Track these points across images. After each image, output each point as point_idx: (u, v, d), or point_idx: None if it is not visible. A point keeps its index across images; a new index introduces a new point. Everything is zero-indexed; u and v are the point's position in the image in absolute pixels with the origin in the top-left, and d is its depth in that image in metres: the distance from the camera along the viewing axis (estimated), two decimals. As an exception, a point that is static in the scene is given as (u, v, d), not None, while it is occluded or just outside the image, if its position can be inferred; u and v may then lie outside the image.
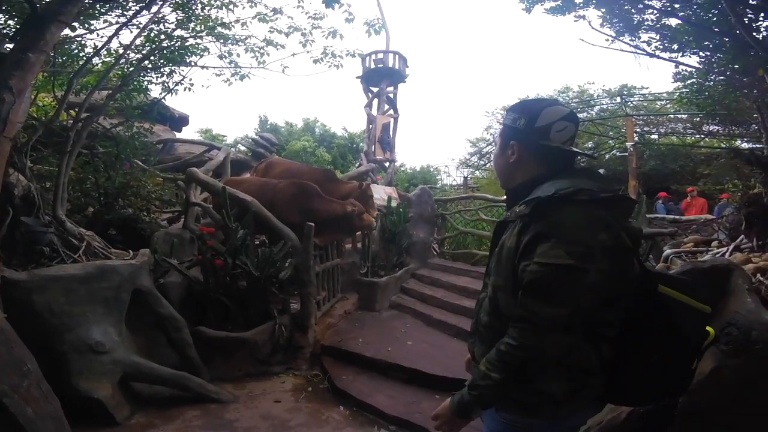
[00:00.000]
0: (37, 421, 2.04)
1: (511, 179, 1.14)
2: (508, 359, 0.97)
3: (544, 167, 1.07)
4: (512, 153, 1.10)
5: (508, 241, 1.03)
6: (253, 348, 3.28)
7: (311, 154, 13.31)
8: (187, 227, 3.82)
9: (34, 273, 2.50)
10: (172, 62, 4.07)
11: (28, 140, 2.93)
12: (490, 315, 1.11)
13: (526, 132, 1.07)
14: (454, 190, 11.21)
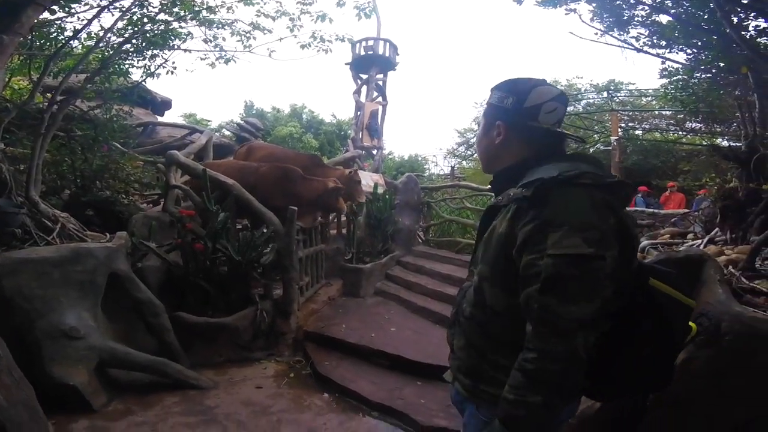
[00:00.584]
0: (10, 409, 1.98)
1: (496, 161, 1.08)
2: (542, 376, 0.85)
3: (533, 150, 1.01)
4: (498, 134, 1.04)
5: (500, 227, 0.96)
6: (234, 333, 3.25)
7: (298, 140, 13.13)
8: (167, 210, 3.74)
9: (5, 256, 2.42)
10: (155, 46, 3.94)
11: (0, 122, 2.83)
12: (473, 306, 1.05)
13: (514, 112, 1.00)
14: (442, 180, 11.26)
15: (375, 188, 5.14)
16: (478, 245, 1.07)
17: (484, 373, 1.03)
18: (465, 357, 1.09)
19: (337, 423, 2.50)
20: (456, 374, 1.13)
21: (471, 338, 1.06)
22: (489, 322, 1.00)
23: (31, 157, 3.01)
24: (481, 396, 1.04)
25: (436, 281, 4.60)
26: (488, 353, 1.02)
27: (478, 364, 1.05)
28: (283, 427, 2.41)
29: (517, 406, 0.87)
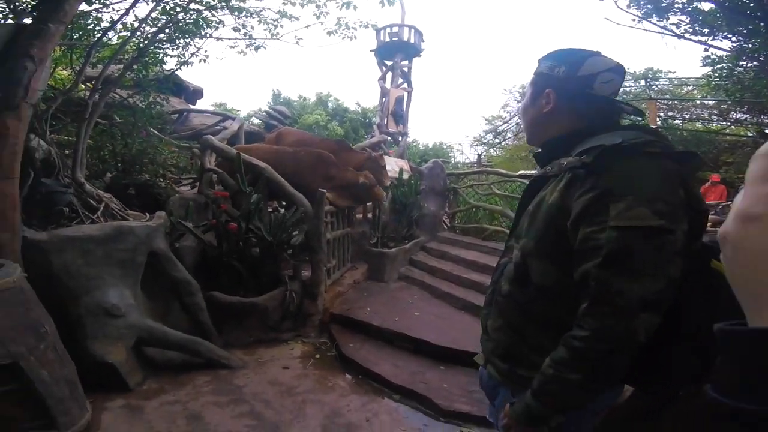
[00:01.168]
0: (52, 385, 2.04)
1: (543, 132, 1.02)
2: (588, 354, 0.79)
3: (585, 121, 0.94)
4: (546, 102, 0.97)
5: (550, 197, 0.89)
6: (264, 314, 3.34)
7: (324, 127, 13.26)
8: (202, 192, 3.87)
9: (54, 233, 2.48)
10: (187, 34, 4.06)
11: (47, 108, 3.00)
12: (512, 283, 0.98)
13: (566, 80, 0.94)
14: (467, 168, 11.10)
15: (400, 174, 5.13)
16: (521, 217, 1.01)
17: (523, 356, 0.98)
18: (501, 338, 1.03)
19: (359, 404, 2.54)
20: (489, 357, 1.08)
21: (509, 318, 1.00)
22: (531, 300, 0.94)
23: (77, 142, 3.19)
24: (518, 381, 0.98)
25: (460, 267, 4.58)
26: (529, 334, 0.96)
27: (517, 346, 0.99)
28: (307, 408, 2.47)
29: (552, 381, 0.84)
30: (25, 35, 2.33)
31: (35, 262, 2.35)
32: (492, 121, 17.90)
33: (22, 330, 1.95)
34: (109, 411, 2.35)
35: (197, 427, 2.24)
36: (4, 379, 1.92)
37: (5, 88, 2.25)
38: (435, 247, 5.22)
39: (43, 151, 2.81)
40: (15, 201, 2.31)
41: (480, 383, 1.23)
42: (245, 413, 2.38)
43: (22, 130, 2.34)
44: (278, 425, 2.29)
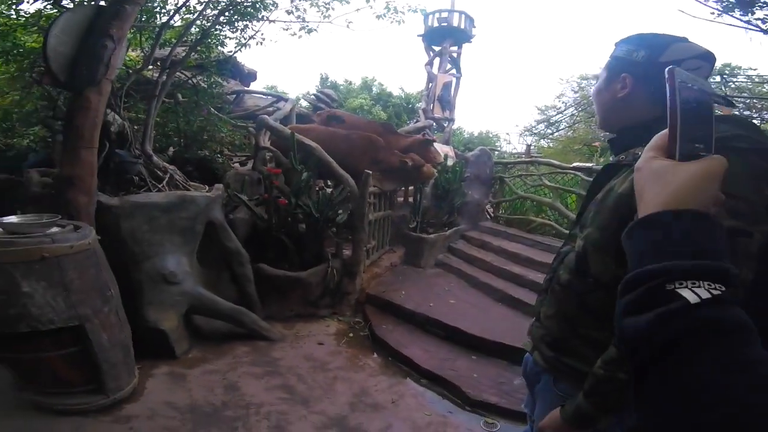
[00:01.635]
0: (110, 350, 2.08)
1: (617, 117, 0.98)
2: None
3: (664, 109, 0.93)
4: (622, 87, 0.93)
5: (620, 187, 0.86)
6: (306, 289, 3.44)
7: (368, 111, 13.34)
8: (256, 168, 4.05)
9: (124, 199, 2.60)
10: (245, 16, 4.21)
11: (122, 86, 3.27)
12: (573, 273, 0.97)
13: (646, 65, 0.89)
14: (515, 158, 10.71)
15: (444, 160, 5.06)
16: (588, 206, 0.99)
17: (571, 346, 0.98)
18: (552, 327, 1.04)
19: (386, 385, 2.58)
20: (537, 343, 1.09)
21: (564, 308, 1.00)
22: (589, 292, 0.93)
23: (146, 117, 3.43)
24: (562, 369, 1.00)
25: (501, 258, 4.49)
26: (580, 326, 0.96)
27: (567, 336, 0.99)
28: (337, 384, 2.53)
29: (604, 381, 0.84)
30: (104, 16, 2.44)
31: (106, 226, 2.45)
32: (545, 110, 17.09)
33: (91, 292, 2.00)
34: (154, 378, 2.43)
35: (233, 397, 2.32)
36: (68, 341, 1.97)
37: (88, 66, 2.39)
38: (476, 237, 5.14)
39: (117, 125, 3.02)
40: (93, 168, 2.48)
41: (523, 371, 1.25)
42: (279, 386, 2.47)
43: (102, 104, 2.51)
44: (308, 400, 2.36)
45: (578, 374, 0.97)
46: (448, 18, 8.52)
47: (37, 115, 4.46)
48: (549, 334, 1.06)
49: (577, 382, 0.97)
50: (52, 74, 2.35)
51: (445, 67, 8.79)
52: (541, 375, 1.09)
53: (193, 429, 2.03)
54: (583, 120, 14.71)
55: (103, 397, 2.09)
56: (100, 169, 2.69)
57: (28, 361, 1.99)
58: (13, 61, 3.63)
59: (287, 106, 5.62)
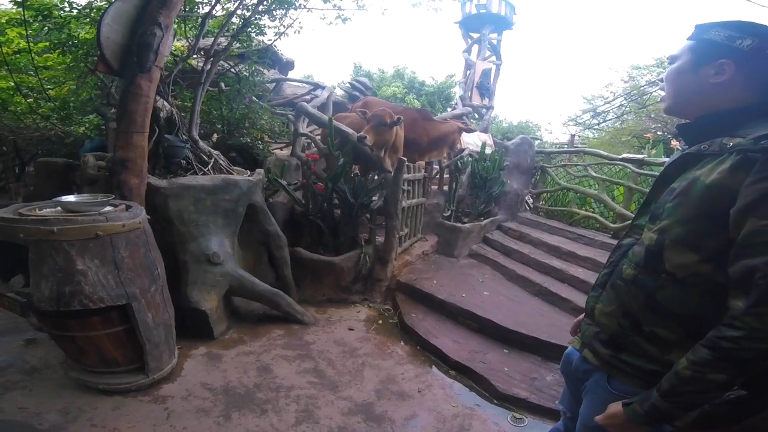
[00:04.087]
0: (153, 329, 2.11)
1: (701, 103, 0.93)
2: (739, 355, 0.76)
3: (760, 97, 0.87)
4: (717, 73, 0.89)
5: (707, 177, 0.83)
6: (339, 274, 3.49)
7: (401, 100, 13.20)
8: (295, 154, 4.12)
9: (172, 181, 2.70)
10: (284, 5, 4.24)
11: (170, 73, 3.40)
12: (640, 268, 0.94)
13: (753, 55, 0.85)
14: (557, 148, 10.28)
15: (482, 148, 4.91)
16: (657, 195, 0.97)
17: (633, 343, 0.96)
18: (610, 324, 1.01)
19: (413, 374, 2.56)
20: (590, 341, 1.06)
21: (627, 304, 0.96)
22: (660, 288, 0.89)
23: (192, 104, 3.55)
24: (619, 367, 0.98)
25: (540, 251, 4.32)
26: (646, 323, 0.93)
27: (628, 333, 0.97)
28: (365, 371, 2.55)
29: (690, 382, 0.81)
30: (152, 4, 2.50)
31: (155, 206, 2.54)
32: (591, 100, 16.23)
33: (140, 271, 2.03)
34: (192, 358, 2.50)
35: (265, 379, 2.38)
36: (115, 320, 2.01)
37: (139, 53, 2.47)
38: (513, 228, 4.98)
39: (166, 111, 3.14)
40: (144, 151, 2.58)
41: (562, 367, 1.24)
42: (309, 370, 2.52)
43: (152, 90, 2.59)
44: (337, 385, 2.39)
45: (638, 372, 0.94)
46: (486, 4, 8.28)
47: (91, 104, 4.76)
48: (605, 332, 1.02)
49: (636, 380, 0.95)
50: (106, 62, 2.45)
51: (484, 54, 8.52)
52: (592, 373, 1.06)
53: (225, 410, 2.09)
54: (634, 110, 13.79)
55: (144, 377, 2.15)
56: (150, 152, 2.81)
57: (78, 339, 2.03)
58: (69, 53, 3.85)
59: (324, 93, 5.65)
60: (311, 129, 4.58)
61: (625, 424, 0.91)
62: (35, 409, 1.98)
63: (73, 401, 2.05)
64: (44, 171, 4.37)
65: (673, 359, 0.88)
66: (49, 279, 1.83)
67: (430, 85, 14.78)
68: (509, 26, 8.58)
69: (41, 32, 4.18)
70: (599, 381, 1.03)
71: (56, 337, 2.10)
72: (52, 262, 1.82)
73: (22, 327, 2.61)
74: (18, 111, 5.05)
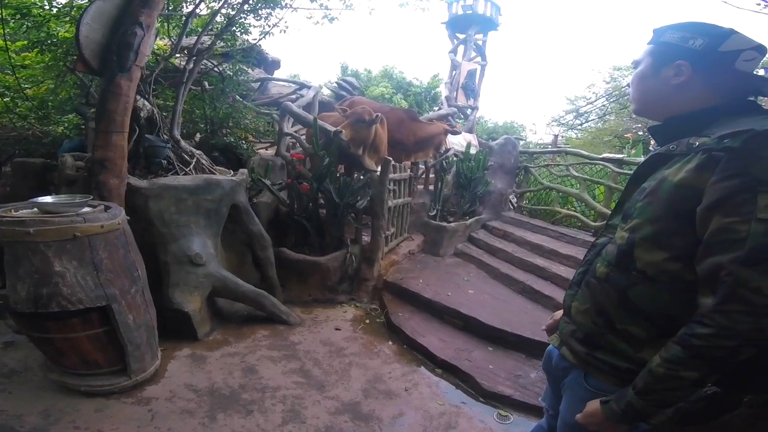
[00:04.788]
0: (134, 331, 2.09)
1: (666, 105, 0.95)
2: (710, 353, 0.76)
3: (719, 98, 0.88)
4: (676, 74, 0.90)
5: (676, 176, 0.84)
6: (325, 274, 3.47)
7: (389, 100, 13.24)
8: (279, 154, 4.10)
9: (153, 181, 2.65)
10: (269, 4, 4.22)
11: (151, 73, 3.35)
12: (612, 266, 0.95)
13: (705, 53, 0.87)
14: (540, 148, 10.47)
15: (467, 148, 4.97)
16: (629, 196, 0.99)
17: (606, 341, 0.97)
18: (585, 322, 1.03)
19: (400, 373, 2.57)
20: (567, 339, 1.08)
21: (600, 302, 0.98)
22: (631, 286, 0.90)
23: (174, 104, 3.50)
24: (594, 364, 0.99)
25: (524, 250, 4.39)
26: (618, 321, 0.94)
27: (602, 331, 0.98)
28: (352, 370, 2.55)
29: (664, 380, 0.82)
30: (134, 4, 2.46)
31: (135, 207, 2.50)
32: (574, 101, 16.54)
33: (120, 272, 2.00)
34: (176, 359, 2.48)
35: (251, 379, 2.36)
36: (95, 322, 1.98)
37: (119, 53, 2.42)
38: (498, 227, 5.04)
39: (147, 111, 3.08)
40: (124, 152, 2.53)
41: (544, 364, 1.26)
42: (296, 370, 2.51)
43: (132, 90, 2.54)
44: (324, 385, 2.39)
45: (613, 369, 0.96)
46: (473, 5, 8.41)
47: (70, 103, 4.65)
48: (581, 330, 1.04)
49: (611, 377, 0.97)
50: (85, 61, 2.41)
51: (469, 54, 8.62)
52: (570, 370, 1.08)
53: (210, 411, 2.08)
54: (615, 111, 14.11)
55: (127, 379, 2.13)
56: (131, 153, 2.76)
57: (57, 341, 2.00)
58: (48, 51, 3.76)
59: (310, 93, 5.64)
60: (296, 129, 4.57)
61: (603, 422, 0.92)
62: (15, 412, 1.94)
63: (54, 403, 2.02)
64: (21, 171, 4.26)
65: (645, 357, 0.89)
66: (26, 281, 1.80)
67: (417, 86, 14.87)
68: (495, 27, 8.71)
69: (19, 30, 4.06)
70: (577, 378, 1.04)
71: (35, 339, 2.06)
72: (29, 264, 1.79)
73: (0, 330, 2.55)
74: (-6, 111, 4.90)
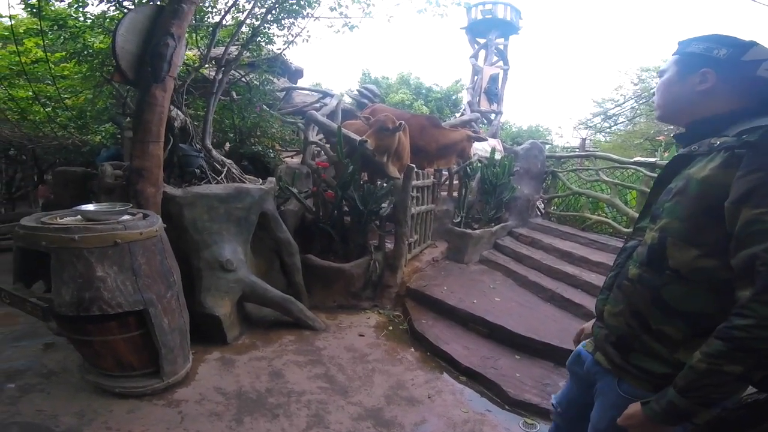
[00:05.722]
0: (168, 334, 2.15)
1: (691, 110, 1.00)
2: (753, 344, 0.76)
3: (743, 103, 0.93)
4: (702, 81, 0.95)
5: (700, 174, 0.87)
6: (349, 280, 3.50)
7: (409, 106, 13.27)
8: (305, 163, 4.18)
9: (187, 190, 2.75)
10: (292, 14, 4.30)
11: (183, 83, 3.47)
12: (644, 266, 0.97)
13: (728, 62, 0.92)
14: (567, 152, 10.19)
15: (492, 153, 4.91)
16: (656, 197, 1.01)
17: (641, 343, 0.97)
18: (618, 325, 1.03)
19: (423, 380, 2.56)
20: (602, 344, 1.08)
21: (634, 303, 0.98)
22: (665, 285, 0.92)
23: (205, 114, 3.60)
24: (629, 370, 0.99)
25: (552, 257, 4.28)
26: (653, 321, 0.94)
27: (636, 333, 0.98)
28: (375, 377, 2.55)
29: (706, 376, 0.81)
30: (165, 15, 2.53)
31: (170, 215, 2.59)
32: (602, 103, 16.13)
33: (157, 277, 2.07)
34: (206, 362, 2.54)
35: (277, 384, 2.39)
36: (132, 325, 2.05)
37: (153, 63, 2.49)
38: (525, 234, 4.94)
39: (180, 121, 3.16)
40: (160, 161, 2.61)
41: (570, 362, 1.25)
42: (320, 375, 2.53)
43: (167, 100, 2.62)
44: (347, 390, 2.39)
45: (647, 375, 0.96)
46: (492, 10, 8.41)
47: (107, 113, 4.87)
48: (614, 333, 1.04)
49: (645, 383, 0.96)
50: (122, 72, 2.49)
51: (491, 59, 8.58)
52: (603, 376, 1.08)
53: (237, 415, 2.11)
54: (645, 113, 13.65)
55: (159, 381, 2.18)
56: (165, 162, 2.83)
57: (96, 343, 2.07)
58: (84, 62, 3.93)
59: (333, 101, 5.72)
60: (320, 137, 4.63)
61: (644, 423, 0.91)
62: (52, 412, 2.01)
63: (89, 404, 2.09)
64: (63, 179, 4.50)
65: (680, 358, 0.88)
66: (70, 285, 1.88)
67: (437, 91, 14.85)
68: (516, 31, 8.66)
69: (57, 42, 4.27)
70: (610, 384, 1.04)
71: (75, 341, 2.15)
72: (73, 269, 1.87)
73: (41, 331, 2.67)
74: (36, 120, 5.19)
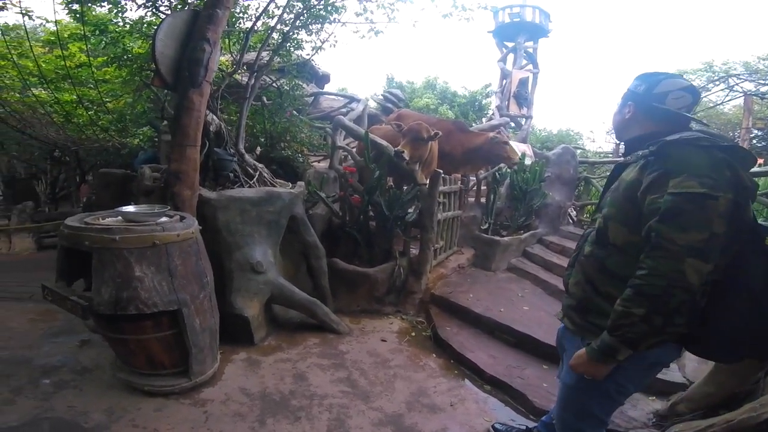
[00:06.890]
0: (200, 334, 2.17)
1: (625, 132, 1.35)
2: (648, 290, 1.03)
3: (659, 125, 1.23)
4: (628, 111, 1.31)
5: (628, 176, 1.19)
6: (374, 285, 3.49)
7: (434, 111, 13.18)
8: (333, 167, 4.21)
9: (221, 193, 2.81)
10: (319, 20, 4.35)
11: (218, 88, 3.56)
12: (594, 245, 1.27)
13: (643, 96, 1.26)
14: (600, 157, 9.85)
15: (522, 158, 4.79)
16: (606, 193, 1.32)
17: (595, 305, 1.25)
18: (578, 292, 1.32)
19: (446, 388, 2.51)
20: (567, 312, 1.37)
21: (587, 273, 1.28)
22: (608, 256, 1.22)
23: (239, 118, 3.69)
24: (588, 328, 1.26)
25: (583, 266, 4.13)
26: (601, 285, 1.23)
27: (591, 297, 1.26)
28: (396, 382, 2.53)
29: (622, 316, 1.08)
30: (200, 20, 2.57)
31: (205, 217, 2.63)
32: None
33: (191, 278, 2.10)
34: (233, 363, 2.56)
35: (300, 386, 2.40)
36: (165, 324, 2.07)
37: (190, 68, 2.53)
38: (555, 241, 4.81)
39: (215, 125, 3.24)
40: (196, 164, 2.66)
41: (557, 339, 1.55)
42: (343, 379, 2.52)
43: (203, 104, 2.66)
44: (369, 395, 2.38)
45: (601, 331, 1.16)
46: (520, 13, 8.28)
47: (145, 116, 5.07)
48: (575, 300, 1.33)
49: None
50: (161, 77, 2.56)
51: (520, 62, 8.43)
52: (570, 337, 1.36)
53: (261, 415, 2.12)
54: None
55: (187, 380, 2.21)
56: (201, 165, 2.88)
57: (130, 342, 2.11)
58: (124, 66, 4.09)
59: (359, 106, 5.76)
60: (347, 141, 4.66)
61: (587, 363, 1.19)
62: (83, 408, 2.05)
63: (118, 401, 2.13)
64: (103, 181, 4.71)
65: None
66: (110, 284, 1.94)
67: (463, 96, 14.70)
68: (545, 34, 8.49)
69: (99, 46, 4.47)
70: (575, 342, 1.30)
71: (110, 339, 2.20)
72: (113, 269, 1.94)
73: (78, 328, 2.78)
74: (80, 123, 5.47)
